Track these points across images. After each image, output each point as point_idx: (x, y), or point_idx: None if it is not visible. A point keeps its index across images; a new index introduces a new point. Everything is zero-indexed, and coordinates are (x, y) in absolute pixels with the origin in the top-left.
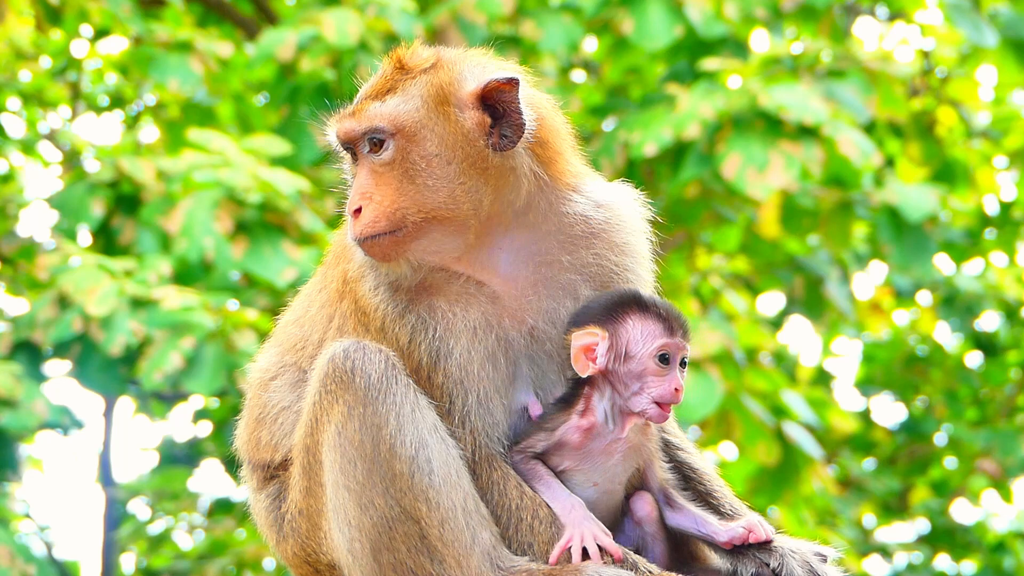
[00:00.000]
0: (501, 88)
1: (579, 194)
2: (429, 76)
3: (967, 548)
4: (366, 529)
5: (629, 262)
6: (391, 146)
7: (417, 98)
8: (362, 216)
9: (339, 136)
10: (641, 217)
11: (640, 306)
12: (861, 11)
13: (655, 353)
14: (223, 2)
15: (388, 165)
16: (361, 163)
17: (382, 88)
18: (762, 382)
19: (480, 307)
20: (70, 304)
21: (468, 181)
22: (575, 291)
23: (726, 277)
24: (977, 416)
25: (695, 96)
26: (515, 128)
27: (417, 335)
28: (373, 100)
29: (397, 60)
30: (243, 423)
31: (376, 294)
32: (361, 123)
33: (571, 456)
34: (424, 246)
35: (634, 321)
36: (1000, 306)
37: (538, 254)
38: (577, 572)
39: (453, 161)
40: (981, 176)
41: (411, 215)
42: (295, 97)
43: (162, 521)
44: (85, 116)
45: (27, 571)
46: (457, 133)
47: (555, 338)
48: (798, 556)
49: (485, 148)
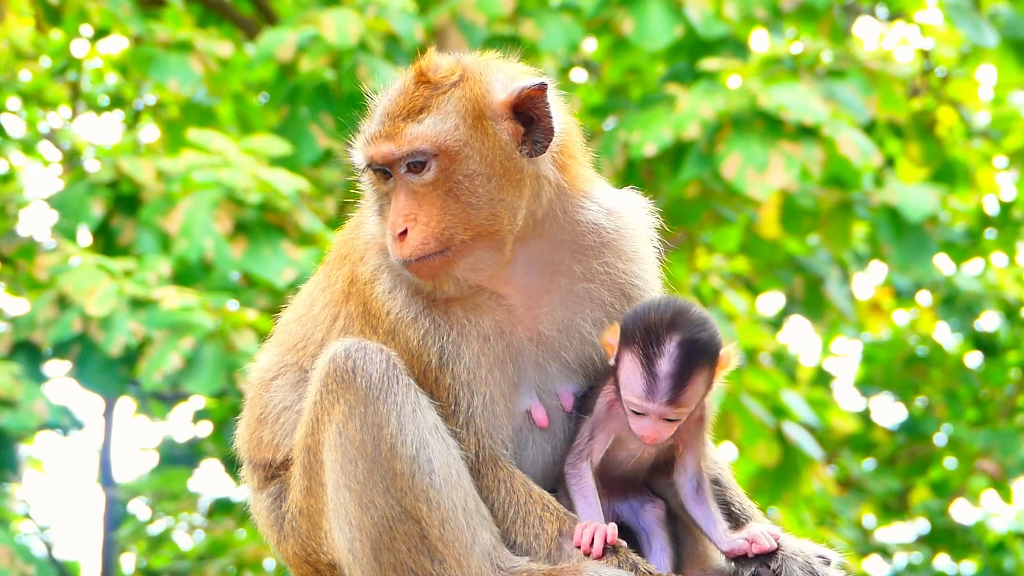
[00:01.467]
0: (532, 95)
1: (591, 200)
2: (461, 91)
3: (967, 548)
4: (367, 529)
5: (637, 270)
6: (433, 167)
7: (454, 115)
8: (409, 238)
9: (375, 159)
10: (649, 225)
11: (644, 353)
12: (861, 11)
13: (627, 399)
14: (223, 2)
15: (430, 186)
16: (399, 184)
17: (414, 107)
18: (762, 382)
19: (494, 315)
20: (70, 304)
21: (508, 195)
22: (588, 299)
23: (726, 277)
24: (977, 416)
25: (695, 96)
26: (545, 133)
27: (429, 338)
28: (408, 120)
29: (419, 73)
30: (244, 423)
31: (391, 297)
32: (401, 147)
33: (612, 426)
34: (470, 264)
35: (629, 363)
36: (1000, 306)
37: (552, 264)
38: (577, 572)
39: (494, 177)
40: (981, 176)
41: (458, 234)
42: (295, 97)
43: (162, 521)
44: (85, 116)
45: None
46: (496, 147)
47: (566, 346)
48: (800, 558)
49: (520, 158)
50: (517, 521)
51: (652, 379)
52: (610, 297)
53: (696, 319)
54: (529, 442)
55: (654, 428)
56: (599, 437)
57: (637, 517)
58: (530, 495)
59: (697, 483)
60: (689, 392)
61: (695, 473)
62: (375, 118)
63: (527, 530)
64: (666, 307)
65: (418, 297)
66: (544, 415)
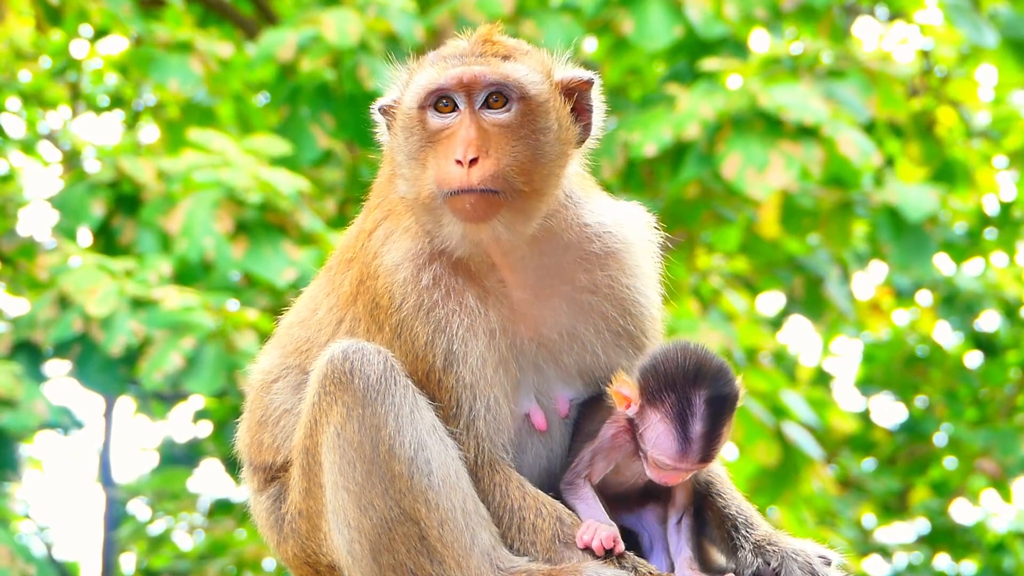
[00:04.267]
0: (582, 87)
1: (596, 209)
2: (537, 56)
3: (967, 548)
4: (366, 530)
5: (640, 286)
6: (514, 108)
7: (538, 72)
8: (482, 165)
9: (460, 80)
10: (653, 240)
11: (676, 415)
12: (861, 11)
13: (657, 459)
14: (223, 2)
15: (505, 127)
16: (469, 117)
17: (498, 52)
18: (762, 382)
19: (499, 310)
20: (70, 304)
21: (563, 164)
22: (590, 311)
23: (726, 277)
24: (977, 416)
25: (695, 96)
26: (587, 128)
27: (439, 334)
28: (497, 58)
29: (486, 36)
30: (245, 425)
31: (413, 282)
32: (495, 73)
33: (614, 455)
34: (511, 219)
35: (659, 423)
36: (1000, 306)
37: (557, 267)
38: (577, 572)
39: (559, 142)
40: (981, 176)
41: (518, 182)
42: (295, 97)
43: (162, 521)
44: (85, 116)
45: (27, 571)
46: (564, 115)
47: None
48: (800, 558)
49: (575, 135)
50: (512, 527)
51: (686, 443)
52: (613, 311)
53: (717, 369)
54: (528, 445)
55: (676, 477)
56: (599, 464)
57: (640, 520)
58: (524, 499)
59: (681, 517)
60: (720, 446)
61: (683, 507)
62: (451, 53)
63: (523, 536)
64: (686, 360)
65: (439, 285)
66: (543, 419)
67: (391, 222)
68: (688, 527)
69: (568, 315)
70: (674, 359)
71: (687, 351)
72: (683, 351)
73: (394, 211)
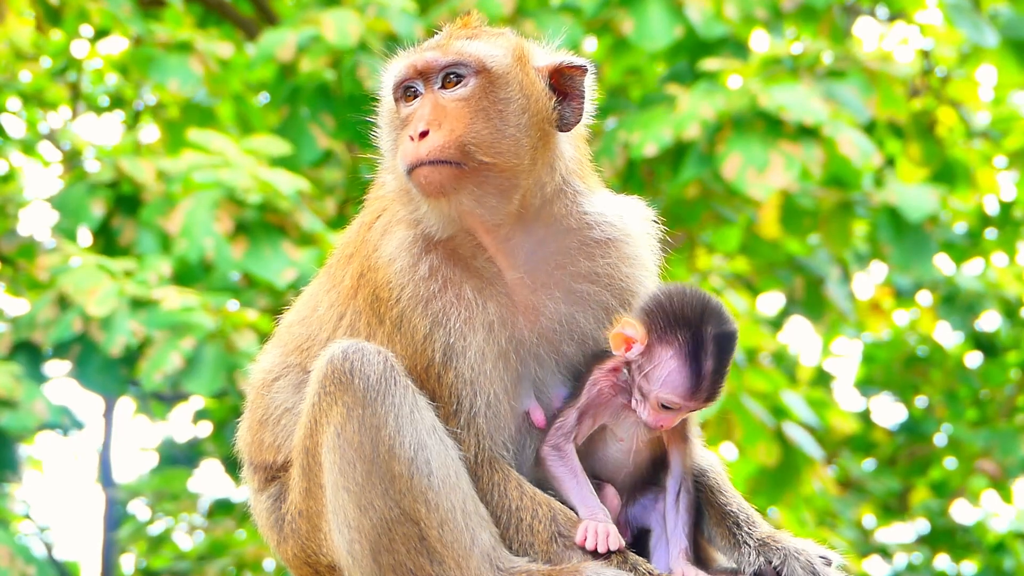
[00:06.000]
0: (570, 72)
1: (598, 199)
2: (509, 37)
3: (967, 548)
4: (366, 530)
5: (640, 275)
6: (471, 83)
7: (503, 48)
8: (429, 139)
9: (414, 67)
10: (651, 233)
11: (689, 352)
12: (861, 11)
13: (665, 398)
14: (223, 2)
15: (463, 101)
16: (426, 97)
17: (465, 32)
18: (762, 382)
19: (498, 301)
20: (70, 304)
21: (532, 139)
22: (590, 300)
23: (726, 277)
24: (977, 416)
25: (695, 96)
26: (576, 112)
27: (437, 327)
28: (458, 39)
29: (459, 24)
30: (245, 424)
31: (411, 272)
32: (447, 55)
33: (600, 412)
34: (477, 193)
35: (670, 360)
36: (1000, 306)
37: (556, 254)
38: (577, 572)
39: (527, 112)
40: (981, 176)
41: (478, 152)
42: (295, 97)
43: (162, 522)
44: (85, 116)
45: (27, 571)
46: (534, 89)
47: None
48: (802, 557)
49: (553, 115)
50: (510, 527)
51: (698, 379)
52: (613, 301)
53: (719, 307)
54: (527, 443)
55: (672, 419)
56: (586, 423)
57: (649, 514)
58: (522, 499)
59: (679, 491)
60: (724, 384)
61: (680, 476)
62: (420, 46)
63: (520, 536)
64: (692, 298)
65: (436, 276)
66: (542, 416)
67: (389, 215)
68: (687, 507)
69: (567, 303)
70: (680, 298)
71: (689, 290)
72: (686, 291)
73: (391, 205)
